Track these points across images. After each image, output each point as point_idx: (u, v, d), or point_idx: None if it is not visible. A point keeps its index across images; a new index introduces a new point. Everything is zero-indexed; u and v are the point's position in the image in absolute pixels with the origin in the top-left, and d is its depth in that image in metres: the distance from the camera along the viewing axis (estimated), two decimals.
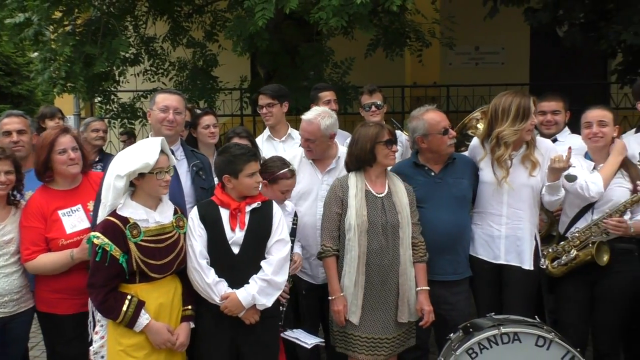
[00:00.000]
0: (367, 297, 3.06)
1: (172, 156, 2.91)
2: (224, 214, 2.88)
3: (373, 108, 4.29)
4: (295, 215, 3.25)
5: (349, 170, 3.21)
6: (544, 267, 3.30)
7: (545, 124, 3.93)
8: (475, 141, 3.45)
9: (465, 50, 8.90)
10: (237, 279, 2.84)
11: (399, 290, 3.08)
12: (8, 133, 3.51)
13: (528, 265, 3.24)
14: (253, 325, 2.86)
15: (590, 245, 3.20)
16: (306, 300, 3.45)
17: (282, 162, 3.22)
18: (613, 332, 3.30)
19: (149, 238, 2.73)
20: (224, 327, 2.85)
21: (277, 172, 3.18)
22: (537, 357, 2.81)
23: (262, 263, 2.87)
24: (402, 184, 3.20)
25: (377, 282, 3.06)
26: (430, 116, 3.27)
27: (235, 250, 2.85)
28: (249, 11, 4.92)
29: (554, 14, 5.76)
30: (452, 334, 3.09)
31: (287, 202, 3.29)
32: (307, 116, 3.43)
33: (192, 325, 2.87)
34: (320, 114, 3.41)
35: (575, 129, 3.77)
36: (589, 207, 3.28)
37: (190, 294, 2.88)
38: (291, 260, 3.10)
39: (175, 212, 2.88)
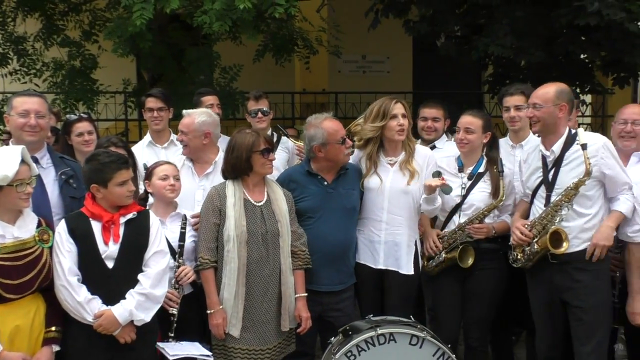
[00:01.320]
0: (247, 309, 3.02)
1: (35, 165, 2.71)
2: (96, 226, 2.72)
3: (259, 115, 4.28)
4: (185, 218, 3.13)
5: (225, 178, 3.16)
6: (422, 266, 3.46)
7: (426, 130, 4.11)
8: (357, 151, 3.53)
9: (353, 59, 9.17)
10: (112, 294, 2.68)
11: (281, 298, 3.07)
12: None
13: (406, 270, 3.34)
14: (131, 342, 2.71)
15: (457, 247, 3.38)
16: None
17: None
18: (482, 327, 3.50)
19: (5, 255, 2.51)
20: (99, 347, 2.67)
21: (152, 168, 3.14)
22: (411, 356, 2.93)
23: (140, 276, 2.74)
24: (281, 190, 3.19)
25: (258, 292, 3.03)
26: (329, 125, 3.26)
27: (110, 264, 2.70)
28: (130, 11, 4.73)
29: (431, 26, 6.10)
30: (333, 338, 3.14)
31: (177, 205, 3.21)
32: (187, 111, 3.48)
33: (57, 348, 2.66)
34: (199, 111, 3.44)
35: None
36: (456, 210, 3.47)
37: (56, 314, 2.67)
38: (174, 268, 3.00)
39: (39, 225, 2.67)
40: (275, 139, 4.26)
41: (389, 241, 3.35)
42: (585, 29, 5.50)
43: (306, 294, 3.16)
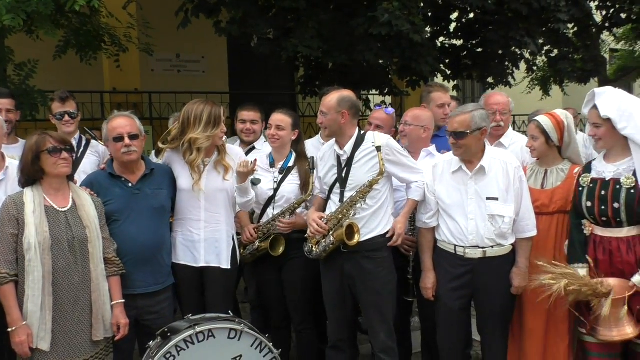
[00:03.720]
0: (57, 320, 2.84)
1: None
2: None
3: (66, 117, 3.97)
4: None
5: (23, 186, 2.94)
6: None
7: (245, 132, 4.28)
8: (169, 151, 3.49)
9: (166, 57, 8.95)
10: None
11: (92, 307, 2.95)
12: None
13: (226, 264, 3.44)
14: None
15: (270, 237, 3.61)
16: None
17: None
18: (301, 309, 3.75)
19: None
20: None
21: None
22: (231, 349, 3.01)
23: None
24: (88, 196, 3.06)
25: (67, 302, 2.87)
26: (110, 123, 3.23)
27: None
28: None
29: (243, 28, 6.25)
30: (151, 342, 3.10)
31: None
32: None
33: None
34: None
35: None
36: (270, 203, 3.66)
37: None
38: None
39: None
40: (84, 143, 4.02)
41: (209, 238, 3.41)
42: (380, 37, 6.10)
43: (123, 301, 3.08)
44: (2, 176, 3.17)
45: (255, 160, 3.44)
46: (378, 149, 3.30)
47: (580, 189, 3.24)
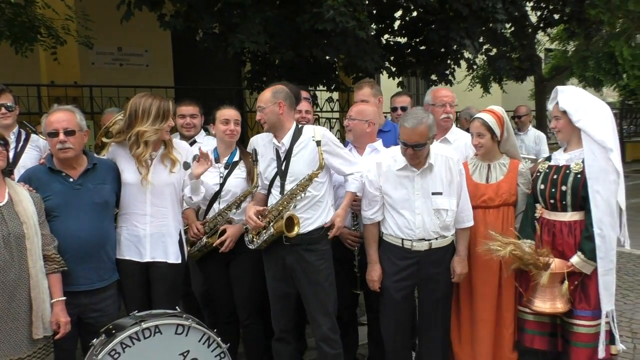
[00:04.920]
0: None
1: None
2: None
3: (3, 110, 3.83)
4: None
5: None
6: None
7: (185, 127, 4.28)
8: (113, 145, 3.43)
9: (108, 50, 8.71)
10: None
11: (32, 304, 2.86)
12: None
13: (173, 259, 3.41)
14: None
15: (217, 232, 3.60)
16: None
17: None
18: (248, 307, 3.75)
19: None
20: None
21: None
22: (179, 344, 2.99)
23: None
24: (26, 191, 2.97)
25: (3, 299, 2.78)
26: (48, 118, 3.16)
27: None
28: None
29: (187, 22, 6.15)
30: (95, 339, 3.03)
31: None
32: None
33: None
34: None
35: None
36: (216, 198, 3.65)
37: None
38: None
39: None
40: (23, 137, 3.88)
41: (155, 233, 3.37)
42: (326, 33, 6.14)
43: (64, 298, 2.99)
44: None
45: (206, 154, 3.41)
46: (318, 143, 3.34)
47: (538, 173, 3.51)
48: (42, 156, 3.65)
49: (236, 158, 3.76)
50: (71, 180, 3.16)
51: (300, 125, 3.49)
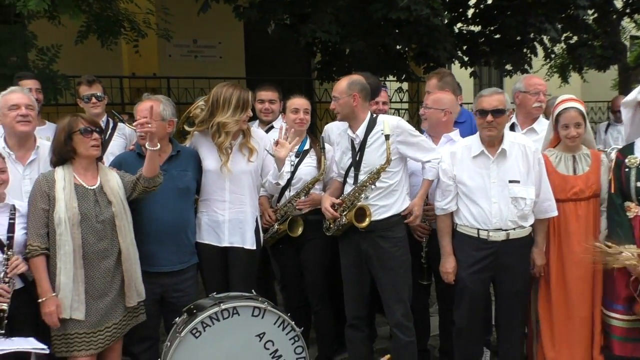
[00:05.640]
0: (88, 291, 2.95)
1: None
2: None
3: (93, 100, 4.08)
4: (13, 208, 2.91)
5: (54, 165, 3.04)
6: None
7: (264, 112, 4.29)
8: (196, 133, 3.56)
9: (184, 43, 8.97)
10: None
11: (124, 276, 3.05)
12: None
13: (250, 245, 3.51)
14: None
15: (288, 219, 3.67)
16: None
17: None
18: (319, 290, 3.82)
19: None
20: None
21: None
22: (254, 326, 3.09)
23: None
24: (115, 174, 3.14)
25: (98, 274, 2.98)
26: (138, 106, 3.32)
27: None
28: None
29: (261, 13, 6.27)
30: (177, 318, 3.18)
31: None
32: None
33: None
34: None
35: None
36: (287, 186, 3.71)
37: None
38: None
39: None
40: (111, 125, 4.11)
41: (233, 219, 3.47)
42: (398, 23, 6.09)
43: None
44: (34, 156, 3.26)
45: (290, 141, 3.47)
46: (387, 137, 3.32)
47: (627, 169, 3.28)
48: (132, 143, 3.84)
49: (306, 147, 3.82)
50: None
51: (375, 115, 3.48)
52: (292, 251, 3.80)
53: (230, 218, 3.47)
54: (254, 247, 3.53)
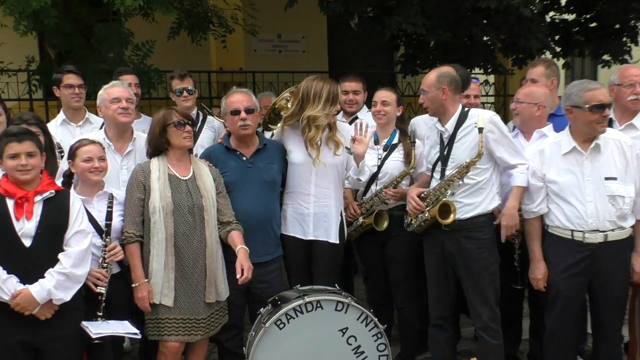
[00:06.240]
0: (178, 279, 3.07)
1: None
2: (11, 204, 2.66)
3: (185, 93, 4.27)
4: (111, 197, 3.07)
5: (150, 157, 3.18)
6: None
7: (348, 103, 4.29)
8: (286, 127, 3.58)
9: (268, 38, 9.13)
10: (31, 273, 2.65)
11: (207, 271, 3.13)
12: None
13: (334, 239, 3.51)
14: (51, 320, 2.68)
15: (373, 213, 3.63)
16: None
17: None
18: (404, 287, 3.76)
19: None
20: (16, 325, 2.63)
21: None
22: (338, 320, 3.09)
23: (60, 256, 2.71)
24: (207, 167, 3.24)
25: (188, 263, 3.09)
26: (228, 98, 3.41)
27: (27, 242, 2.65)
28: None
29: (345, 6, 6.25)
30: (262, 309, 3.24)
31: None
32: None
33: None
34: None
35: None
36: (373, 179, 3.67)
37: None
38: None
39: None
40: (200, 118, 4.26)
41: (318, 213, 3.49)
42: (486, 13, 5.85)
43: (246, 248, 3.15)
44: (131, 147, 3.43)
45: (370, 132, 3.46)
46: (480, 130, 3.17)
47: None
48: (219, 137, 3.96)
49: (395, 140, 3.76)
50: (244, 158, 3.39)
51: (466, 109, 3.35)
52: (377, 246, 3.76)
53: (315, 212, 3.48)
54: (338, 241, 3.53)
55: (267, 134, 3.74)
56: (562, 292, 3.23)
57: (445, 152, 3.32)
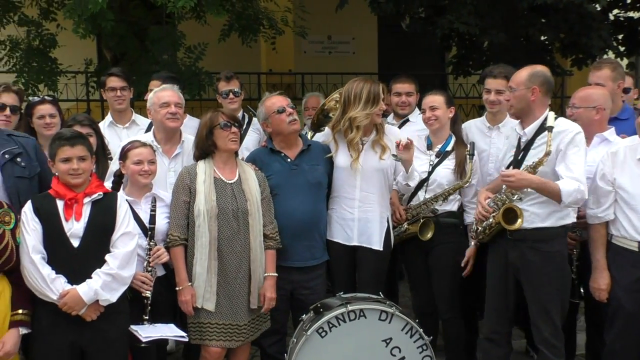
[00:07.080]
0: (221, 284, 3.05)
1: None
2: (61, 205, 2.71)
3: (231, 95, 4.26)
4: (154, 200, 3.09)
5: (197, 159, 3.18)
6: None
7: (400, 105, 4.16)
8: (327, 130, 3.55)
9: (318, 39, 9.13)
10: (77, 273, 2.68)
11: (251, 276, 3.10)
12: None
13: (377, 246, 3.40)
14: (97, 322, 2.71)
15: (419, 220, 3.50)
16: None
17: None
18: (448, 297, 3.60)
19: None
20: (63, 326, 2.67)
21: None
22: (382, 330, 3.00)
23: (107, 257, 2.74)
24: (253, 171, 3.21)
25: (231, 268, 3.06)
26: (266, 101, 3.37)
27: (75, 243, 2.69)
28: None
29: (397, 7, 6.15)
30: (304, 315, 3.19)
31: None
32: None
33: (25, 331, 2.64)
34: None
35: None
36: (421, 186, 3.54)
37: (22, 297, 2.65)
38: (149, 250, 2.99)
39: (0, 206, 2.63)
40: (246, 120, 4.25)
41: (362, 218, 3.40)
42: (544, 11, 5.62)
43: (276, 275, 3.18)
44: (179, 150, 3.45)
45: (411, 141, 3.33)
46: (549, 129, 2.94)
47: None
48: (264, 139, 3.94)
49: (449, 147, 3.60)
50: (289, 160, 3.35)
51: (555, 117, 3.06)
52: (421, 254, 3.63)
53: (359, 217, 3.40)
54: (382, 248, 3.43)
55: (317, 136, 3.69)
56: (625, 307, 3.03)
57: (519, 157, 3.14)
